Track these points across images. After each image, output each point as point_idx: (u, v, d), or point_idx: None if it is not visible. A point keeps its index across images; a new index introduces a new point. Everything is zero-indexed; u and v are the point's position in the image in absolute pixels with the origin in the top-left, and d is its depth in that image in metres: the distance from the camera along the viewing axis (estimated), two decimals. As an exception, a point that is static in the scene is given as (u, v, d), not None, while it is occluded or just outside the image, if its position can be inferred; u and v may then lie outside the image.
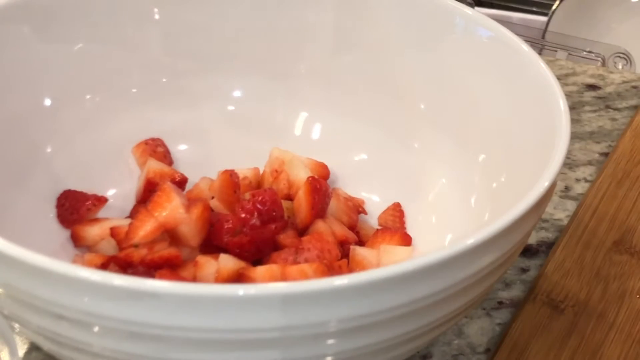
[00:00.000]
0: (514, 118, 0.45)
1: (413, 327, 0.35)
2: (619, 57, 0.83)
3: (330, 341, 0.34)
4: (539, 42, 0.86)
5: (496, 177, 0.45)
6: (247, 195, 0.47)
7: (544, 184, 0.36)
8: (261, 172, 0.52)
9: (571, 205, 0.55)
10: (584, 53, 0.82)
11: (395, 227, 0.49)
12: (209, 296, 0.31)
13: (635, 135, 0.61)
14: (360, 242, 0.48)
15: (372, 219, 0.51)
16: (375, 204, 0.51)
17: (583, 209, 0.54)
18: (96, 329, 0.33)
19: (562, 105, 0.41)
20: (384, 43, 0.52)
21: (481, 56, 0.47)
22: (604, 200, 0.54)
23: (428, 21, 0.49)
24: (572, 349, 0.44)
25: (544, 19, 0.91)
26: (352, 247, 0.47)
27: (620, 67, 0.82)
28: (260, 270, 0.43)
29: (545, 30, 0.88)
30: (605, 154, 0.60)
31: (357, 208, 0.51)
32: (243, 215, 0.46)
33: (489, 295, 0.49)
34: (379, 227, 0.50)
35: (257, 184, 0.52)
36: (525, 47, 0.45)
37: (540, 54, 0.85)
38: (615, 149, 0.59)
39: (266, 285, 0.32)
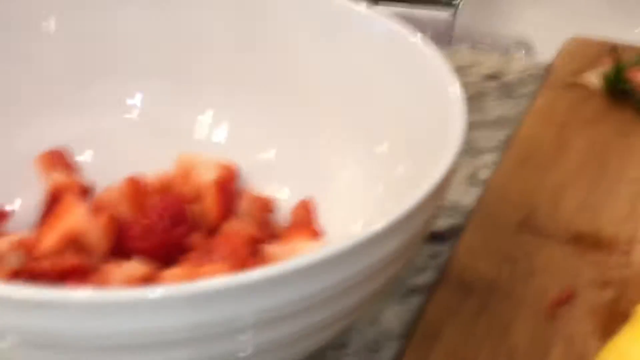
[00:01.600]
0: (412, 108, 0.46)
1: (321, 317, 0.36)
2: (519, 46, 0.85)
3: (243, 336, 0.34)
4: (446, 36, 0.88)
5: (399, 166, 0.46)
6: (154, 200, 0.47)
7: (438, 172, 0.37)
8: (169, 176, 0.52)
9: (477, 192, 0.57)
10: (487, 44, 0.84)
11: (306, 223, 0.50)
12: (116, 301, 0.31)
13: (535, 119, 0.62)
14: (272, 240, 0.48)
15: (283, 215, 0.51)
16: (286, 201, 0.51)
17: (488, 193, 0.55)
18: (6, 340, 0.33)
19: (457, 94, 0.43)
20: (285, 41, 0.52)
21: (378, 50, 0.48)
22: (507, 184, 0.56)
23: (325, 19, 0.50)
24: (483, 328, 0.45)
25: (449, 13, 0.93)
26: (263, 245, 0.47)
27: (521, 55, 0.84)
28: (170, 273, 0.43)
29: (451, 24, 0.90)
30: (508, 140, 0.62)
31: (268, 206, 0.51)
32: (150, 219, 0.46)
33: (398, 281, 0.49)
34: (290, 224, 0.50)
35: (165, 188, 0.51)
36: (419, 40, 0.47)
37: (449, 45, 0.87)
38: (516, 133, 0.61)
39: (173, 286, 0.32)
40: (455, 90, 0.43)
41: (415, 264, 0.51)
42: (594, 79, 0.66)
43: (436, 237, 0.53)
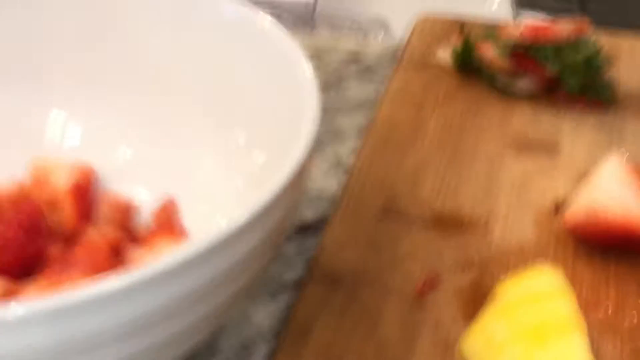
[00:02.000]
0: (268, 97, 0.46)
1: (189, 319, 0.35)
2: (378, 27, 0.86)
3: (110, 347, 0.33)
4: (308, 21, 0.88)
5: (258, 156, 0.46)
6: (8, 212, 0.45)
7: (292, 161, 0.37)
8: (22, 183, 0.50)
9: (344, 177, 0.57)
10: (346, 26, 0.85)
11: (169, 223, 0.49)
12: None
13: (392, 101, 0.63)
14: (135, 242, 0.47)
15: (146, 217, 0.50)
16: (148, 201, 0.50)
17: (351, 180, 0.55)
18: None
19: (310, 79, 0.43)
20: (133, 34, 0.51)
21: (230, 36, 0.48)
22: (369, 169, 0.56)
23: (173, 7, 0.50)
24: (353, 319, 0.46)
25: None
26: (125, 249, 0.46)
27: (380, 36, 0.85)
28: (30, 287, 0.41)
29: (312, 8, 0.90)
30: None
31: (128, 209, 0.50)
32: (4, 231, 0.44)
33: (267, 277, 0.50)
34: (154, 226, 0.49)
35: (19, 196, 0.49)
36: (271, 25, 0.46)
37: (311, 30, 0.87)
38: (375, 117, 0.61)
39: (34, 302, 0.31)
40: (308, 76, 0.43)
41: (284, 259, 0.51)
42: (445, 56, 0.67)
43: (304, 229, 0.53)
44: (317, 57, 0.70)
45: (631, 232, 0.48)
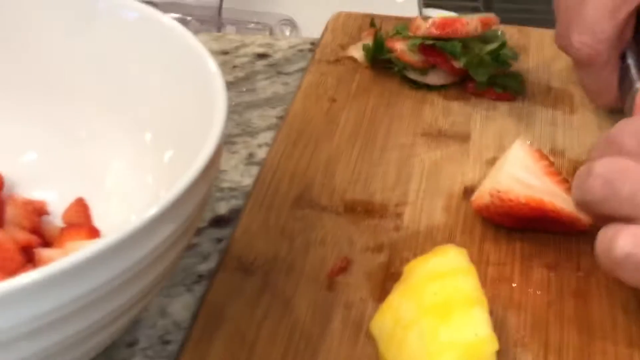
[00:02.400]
0: (175, 92, 0.46)
1: (102, 313, 0.35)
2: (285, 24, 0.87)
3: (22, 344, 0.33)
4: (215, 21, 0.89)
5: (166, 153, 0.46)
6: None
7: (205, 153, 0.38)
8: None
9: (256, 171, 0.58)
10: (252, 25, 0.86)
11: (80, 223, 0.49)
12: None
13: (305, 96, 0.64)
14: (46, 244, 0.47)
15: (56, 218, 0.50)
16: (57, 203, 0.50)
17: (264, 172, 0.56)
18: None
19: (215, 75, 0.43)
20: (35, 38, 0.51)
21: (133, 37, 0.48)
22: (282, 161, 0.57)
23: (72, 9, 0.50)
24: (265, 305, 0.46)
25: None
26: (36, 250, 0.45)
27: (287, 33, 0.86)
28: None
29: (218, 8, 0.90)
30: (282, 117, 0.63)
31: (39, 210, 0.49)
32: None
33: (183, 270, 0.50)
34: (65, 226, 0.49)
35: None
36: (172, 23, 0.47)
37: (219, 31, 0.87)
38: (288, 111, 0.62)
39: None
40: (214, 73, 0.43)
41: (198, 251, 0.51)
42: (357, 52, 0.69)
43: (219, 221, 0.54)
44: (225, 55, 0.71)
45: (533, 213, 0.50)
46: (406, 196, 0.55)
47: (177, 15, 0.82)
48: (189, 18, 0.82)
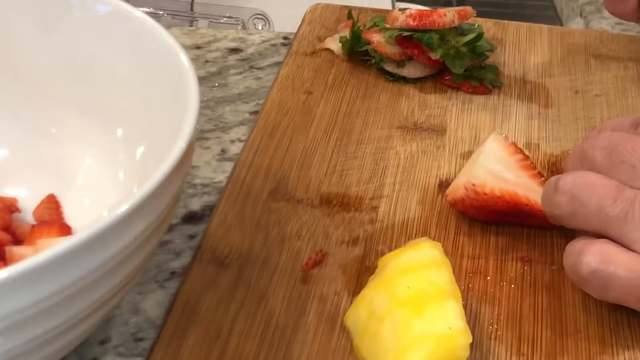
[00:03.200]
0: (146, 87, 0.46)
1: (74, 311, 0.35)
2: (258, 18, 0.87)
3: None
4: (188, 15, 0.88)
5: (138, 149, 0.46)
6: None
7: (177, 149, 0.37)
8: None
9: (229, 167, 0.58)
10: (224, 19, 0.85)
11: (52, 220, 0.49)
12: None
13: (282, 88, 0.64)
14: (17, 242, 0.47)
15: (27, 215, 0.49)
16: (28, 200, 0.49)
17: (239, 167, 0.56)
18: None
19: (187, 68, 0.42)
20: (2, 31, 0.50)
21: (104, 31, 0.48)
22: (258, 155, 0.57)
23: (42, 2, 0.49)
24: (240, 299, 0.46)
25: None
26: (7, 248, 0.45)
27: (260, 28, 0.86)
28: None
29: (192, 2, 0.90)
30: (254, 112, 0.63)
31: (9, 207, 0.49)
32: None
33: (156, 266, 0.50)
34: (36, 223, 0.49)
35: None
36: (144, 18, 0.46)
37: (191, 25, 0.87)
38: (265, 103, 0.62)
39: None
40: (185, 67, 0.43)
41: (171, 248, 0.51)
42: (334, 44, 0.69)
43: (192, 217, 0.54)
44: (197, 49, 0.71)
45: (508, 206, 0.50)
46: (382, 189, 0.55)
47: (149, 9, 0.81)
48: (161, 12, 0.82)
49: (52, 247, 0.32)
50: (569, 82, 0.66)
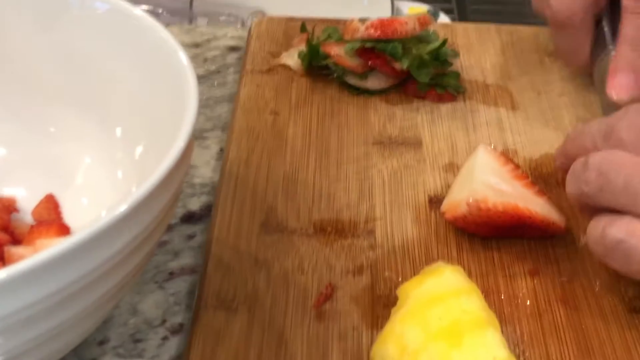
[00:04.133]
0: (145, 86, 0.46)
1: (74, 310, 0.35)
2: (257, 16, 0.85)
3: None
4: (187, 14, 0.86)
5: (137, 148, 0.46)
6: None
7: (176, 148, 0.37)
8: None
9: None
10: (223, 17, 0.84)
11: (50, 220, 0.48)
12: None
13: (246, 111, 0.61)
14: (16, 242, 0.46)
15: (26, 215, 0.48)
16: (27, 200, 0.49)
17: (222, 201, 0.53)
18: None
19: (186, 67, 0.42)
20: (3, 33, 0.49)
21: (103, 29, 0.47)
22: (238, 187, 0.54)
23: (42, 3, 0.48)
24: (257, 345, 0.44)
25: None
26: (6, 248, 0.44)
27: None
28: None
29: (191, 0, 0.88)
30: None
31: (8, 207, 0.48)
32: None
33: (156, 267, 0.49)
34: (35, 223, 0.48)
35: None
36: (143, 16, 0.46)
37: (190, 23, 0.85)
38: (231, 128, 0.59)
39: None
40: (185, 66, 0.42)
41: (170, 248, 0.50)
42: (290, 59, 0.66)
43: (190, 217, 0.53)
44: (196, 48, 0.69)
45: (511, 220, 0.49)
46: (373, 211, 0.53)
47: (148, 7, 0.80)
48: (160, 10, 0.79)
49: (50, 247, 0.32)
50: (529, 83, 0.66)
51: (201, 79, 0.65)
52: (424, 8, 0.78)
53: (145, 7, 0.45)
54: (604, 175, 0.44)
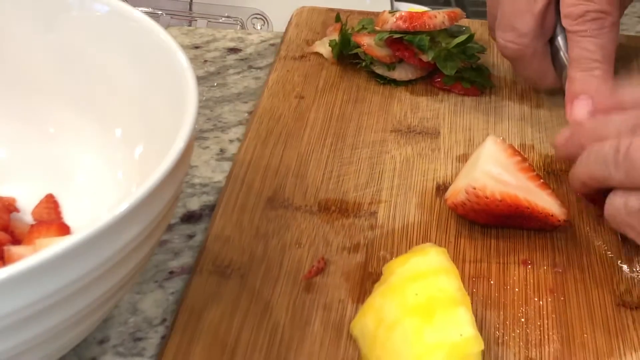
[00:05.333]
0: (145, 87, 0.46)
1: (74, 309, 0.35)
2: (256, 18, 0.86)
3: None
4: (187, 15, 0.88)
5: (137, 148, 0.46)
6: None
7: (176, 148, 0.37)
8: None
9: (228, 167, 0.57)
10: (223, 19, 0.85)
11: (50, 219, 0.48)
12: None
13: (272, 94, 0.63)
14: (16, 242, 0.46)
15: (26, 215, 0.49)
16: (27, 200, 0.49)
17: (235, 172, 0.55)
18: None
19: (186, 68, 0.42)
20: (3, 34, 0.50)
21: (102, 31, 0.48)
22: (254, 161, 0.56)
23: (42, 4, 0.49)
24: (243, 310, 0.46)
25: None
26: (5, 248, 0.44)
27: (258, 27, 0.85)
28: None
29: (190, 2, 0.90)
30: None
31: (8, 207, 0.48)
32: None
33: (155, 266, 0.49)
34: (35, 222, 0.48)
35: None
36: (143, 17, 0.46)
37: (189, 25, 0.87)
38: (256, 109, 0.62)
39: None
40: (184, 67, 0.43)
41: (170, 248, 0.51)
42: (323, 47, 0.68)
43: (190, 217, 0.53)
44: (196, 49, 0.70)
45: (509, 209, 0.50)
46: (379, 194, 0.54)
47: (147, 9, 0.81)
48: (159, 12, 0.81)
49: (50, 247, 0.32)
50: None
51: (201, 80, 0.66)
52: (423, 9, 0.79)
53: (144, 8, 0.46)
54: (631, 161, 0.46)
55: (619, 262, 0.50)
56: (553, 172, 0.57)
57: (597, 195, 0.50)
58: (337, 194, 0.54)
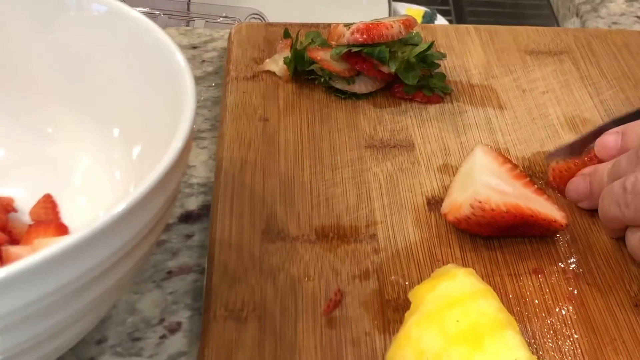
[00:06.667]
0: (143, 87, 0.46)
1: (72, 309, 0.35)
2: (254, 18, 0.85)
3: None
4: (185, 15, 0.85)
5: (134, 148, 0.46)
6: None
7: (174, 148, 0.37)
8: None
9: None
10: (221, 19, 0.83)
11: (48, 220, 0.48)
12: None
13: (235, 118, 0.60)
14: (14, 242, 0.46)
15: (24, 215, 0.48)
16: (24, 200, 0.49)
17: (221, 204, 0.52)
18: None
19: (184, 68, 0.42)
20: (1, 33, 0.49)
21: (100, 31, 0.47)
22: (235, 195, 0.53)
23: (40, 4, 0.48)
24: (271, 355, 0.43)
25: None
26: (4, 248, 0.44)
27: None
28: None
29: (188, 2, 0.87)
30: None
31: (6, 207, 0.48)
32: None
33: (153, 266, 0.49)
34: (33, 223, 0.47)
35: None
36: (141, 17, 0.46)
37: (187, 25, 0.84)
38: (222, 135, 0.59)
39: None
40: (182, 67, 0.42)
41: (168, 248, 0.50)
42: (274, 65, 0.66)
43: (188, 217, 0.53)
44: (194, 49, 0.69)
45: (514, 219, 0.49)
46: (373, 215, 0.53)
47: (145, 10, 0.79)
48: (157, 12, 0.79)
49: (48, 247, 0.32)
50: (513, 81, 0.66)
51: (198, 80, 0.65)
52: (420, 10, 0.78)
53: (142, 9, 0.44)
54: (637, 196, 0.46)
55: (625, 261, 0.50)
56: (535, 174, 0.57)
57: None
58: (331, 219, 0.52)
